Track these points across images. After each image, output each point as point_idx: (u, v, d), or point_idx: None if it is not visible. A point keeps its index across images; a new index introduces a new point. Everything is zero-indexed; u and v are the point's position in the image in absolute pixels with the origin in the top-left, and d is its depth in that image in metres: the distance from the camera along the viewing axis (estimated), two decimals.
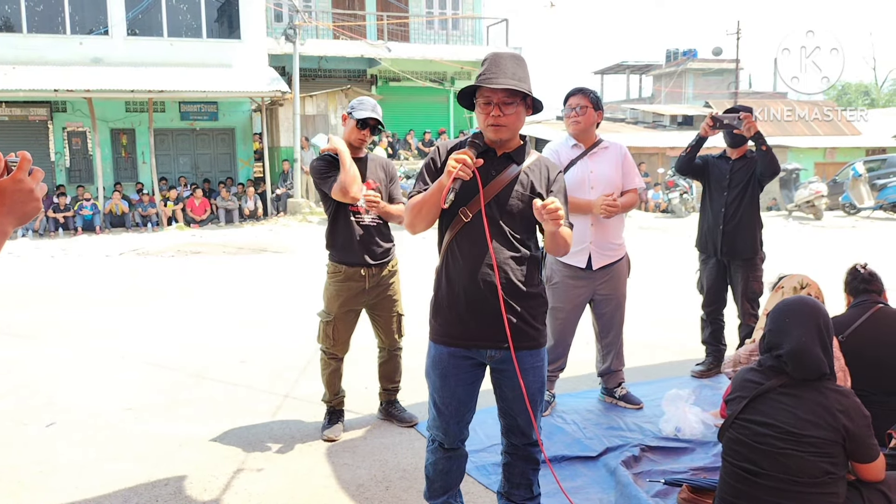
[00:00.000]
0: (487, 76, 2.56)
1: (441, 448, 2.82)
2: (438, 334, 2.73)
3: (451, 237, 2.66)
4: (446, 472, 2.85)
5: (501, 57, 2.60)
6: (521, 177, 2.66)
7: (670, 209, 20.05)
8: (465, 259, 2.63)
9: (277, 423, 4.31)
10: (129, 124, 19.13)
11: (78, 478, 3.58)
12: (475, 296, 2.61)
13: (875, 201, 18.62)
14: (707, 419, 4.03)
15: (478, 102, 2.62)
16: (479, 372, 2.76)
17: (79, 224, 16.37)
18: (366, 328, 4.26)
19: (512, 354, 2.61)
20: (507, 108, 2.56)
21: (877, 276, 3.70)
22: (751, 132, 4.67)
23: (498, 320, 2.60)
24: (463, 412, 2.77)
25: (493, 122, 2.57)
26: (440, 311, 2.72)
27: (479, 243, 2.60)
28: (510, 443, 2.85)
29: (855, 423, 2.41)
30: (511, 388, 2.72)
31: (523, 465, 2.85)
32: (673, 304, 7.43)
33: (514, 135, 2.65)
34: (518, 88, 2.55)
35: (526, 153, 2.71)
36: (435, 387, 2.75)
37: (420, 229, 2.71)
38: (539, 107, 2.69)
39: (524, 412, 2.74)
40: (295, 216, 17.78)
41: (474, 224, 2.60)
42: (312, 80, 22.13)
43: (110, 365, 5.59)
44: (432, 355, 2.76)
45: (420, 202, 2.63)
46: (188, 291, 8.89)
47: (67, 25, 18.18)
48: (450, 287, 2.67)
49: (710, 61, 38.02)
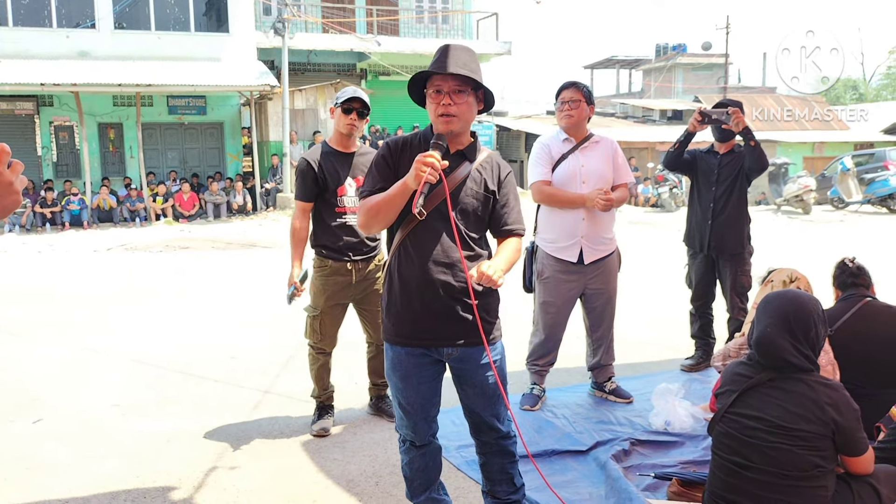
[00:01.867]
0: (439, 65, 2.54)
1: (413, 446, 2.80)
2: (393, 335, 2.69)
3: (404, 236, 2.62)
4: (423, 469, 2.83)
5: (453, 47, 2.58)
6: (474, 174, 2.64)
7: (660, 204, 20.11)
8: (418, 257, 2.59)
9: (266, 419, 4.29)
10: (117, 118, 18.99)
11: (65, 475, 3.55)
12: (430, 294, 2.58)
13: (863, 195, 18.72)
14: (697, 413, 4.03)
15: (428, 93, 2.59)
16: (439, 368, 2.74)
17: (66, 219, 16.25)
18: (355, 323, 4.24)
19: (486, 349, 2.62)
20: (458, 98, 2.54)
21: (865, 270, 3.71)
22: (739, 127, 4.67)
23: (451, 318, 2.60)
24: (428, 408, 2.75)
25: (444, 112, 2.53)
26: (393, 311, 2.68)
27: (432, 241, 2.58)
28: (481, 441, 2.84)
29: (844, 416, 2.41)
30: (471, 385, 2.72)
31: (500, 460, 2.85)
32: (663, 298, 7.45)
33: (465, 127, 2.62)
34: (470, 76, 2.52)
35: (477, 150, 2.69)
36: (398, 388, 2.72)
37: (376, 230, 2.70)
38: (491, 101, 2.67)
39: (487, 407, 2.74)
40: (284, 211, 17.72)
41: (427, 223, 2.57)
42: (301, 74, 22.03)
43: (97, 361, 5.55)
44: (391, 357, 2.72)
45: (378, 204, 2.56)
46: (177, 287, 8.84)
47: (54, 18, 18.03)
48: (403, 286, 2.63)
49: (700, 56, 38.09)
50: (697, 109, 4.84)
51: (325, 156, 3.93)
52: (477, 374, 2.69)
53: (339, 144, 3.98)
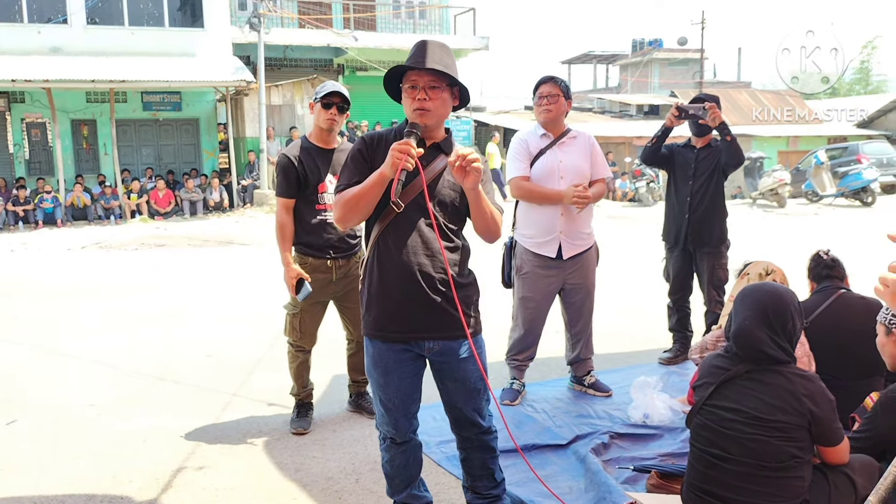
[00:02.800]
0: (414, 60, 2.55)
1: (394, 444, 2.79)
2: (374, 329, 2.68)
3: (382, 229, 2.62)
4: (404, 466, 2.83)
5: (429, 43, 2.60)
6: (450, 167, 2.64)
7: (637, 198, 20.22)
8: (397, 250, 2.59)
9: (245, 418, 4.25)
10: (90, 115, 18.71)
11: (40, 476, 3.50)
12: (409, 287, 2.58)
13: (837, 189, 18.95)
14: (675, 406, 4.06)
15: (404, 88, 2.60)
16: (420, 363, 2.73)
17: (39, 217, 16.01)
18: (334, 320, 4.22)
19: (470, 341, 2.62)
20: (432, 93, 2.55)
21: (839, 262, 3.76)
22: (716, 122, 4.71)
23: (432, 310, 2.59)
24: (409, 405, 2.74)
25: (419, 107, 2.54)
26: (373, 305, 2.67)
27: (411, 234, 2.58)
28: (462, 437, 2.85)
29: (820, 407, 2.44)
30: (452, 380, 2.72)
31: (481, 455, 2.85)
32: (641, 292, 7.49)
33: (439, 122, 2.63)
34: (445, 71, 2.54)
35: (452, 144, 2.70)
36: (378, 384, 2.72)
37: (353, 223, 2.69)
38: (466, 98, 2.69)
39: (469, 401, 2.75)
40: (262, 207, 17.59)
41: (406, 215, 2.57)
42: (278, 70, 21.86)
43: (72, 361, 5.48)
44: (371, 353, 2.72)
45: (356, 196, 2.55)
46: (153, 285, 8.74)
47: (25, 14, 17.73)
48: (382, 280, 2.63)
49: (676, 51, 38.37)
50: (674, 105, 4.87)
51: (305, 151, 3.89)
52: (458, 368, 2.69)
53: (319, 140, 3.94)
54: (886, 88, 42.16)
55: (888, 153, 21.93)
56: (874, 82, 46.01)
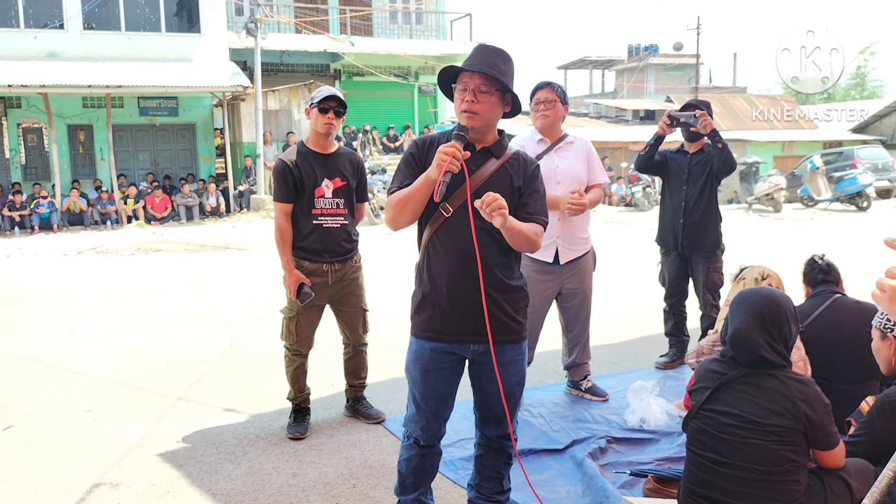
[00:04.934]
0: (469, 63, 2.58)
1: (417, 445, 2.80)
2: (421, 329, 2.71)
3: (432, 232, 2.64)
4: (420, 470, 2.84)
5: (487, 48, 2.62)
6: (501, 170, 2.65)
7: (633, 203, 20.28)
8: (447, 254, 2.61)
9: (241, 423, 4.25)
10: (87, 120, 18.73)
11: (36, 482, 3.49)
12: (458, 290, 2.61)
13: (832, 193, 19.03)
14: (671, 410, 4.07)
15: (456, 89, 2.62)
16: (459, 368, 2.75)
17: (35, 222, 15.99)
18: (331, 324, 4.22)
19: (490, 347, 2.60)
20: (481, 97, 2.56)
21: (834, 266, 3.77)
22: (707, 129, 4.74)
23: (480, 314, 2.59)
24: (442, 408, 2.76)
25: (467, 108, 2.56)
26: (423, 307, 2.70)
27: (461, 238, 2.58)
28: (484, 435, 2.86)
29: (815, 411, 2.45)
30: (489, 381, 2.72)
31: (495, 458, 2.86)
32: (637, 296, 7.50)
33: (487, 125, 2.63)
34: (494, 76, 2.54)
35: (505, 147, 2.71)
36: (415, 382, 2.74)
37: (403, 225, 2.67)
38: (518, 106, 2.69)
39: (501, 404, 2.73)
40: (258, 212, 17.60)
41: (456, 218, 2.59)
42: (274, 75, 21.89)
43: (68, 366, 5.47)
44: (414, 350, 2.74)
45: (405, 198, 2.58)
46: (149, 290, 8.74)
47: (21, 19, 17.74)
48: (432, 282, 2.66)
49: (672, 56, 38.45)
50: (666, 113, 4.90)
51: (302, 156, 3.90)
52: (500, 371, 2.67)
53: (317, 145, 3.95)
54: (882, 94, 42.27)
55: (883, 158, 22.01)
56: (870, 87, 46.17)
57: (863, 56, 45.03)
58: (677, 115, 4.81)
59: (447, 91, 2.71)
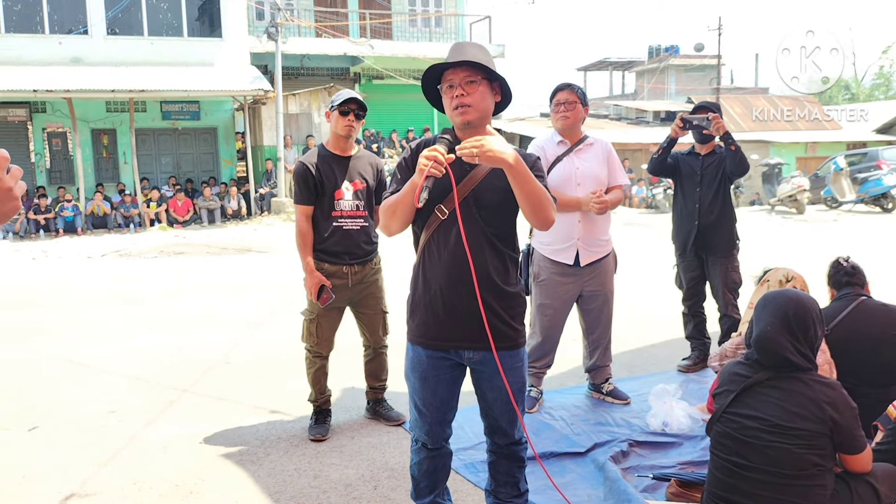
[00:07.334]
0: (449, 59, 2.54)
1: (424, 448, 2.79)
2: (416, 335, 2.67)
3: (428, 236, 2.60)
4: (432, 472, 2.83)
5: (462, 44, 2.60)
6: (496, 169, 2.52)
7: (654, 205, 20.16)
8: (441, 258, 2.56)
9: (263, 424, 4.27)
10: (110, 124, 18.95)
11: (61, 483, 3.53)
12: (452, 296, 2.55)
13: (856, 195, 18.78)
14: (694, 413, 4.04)
15: (443, 91, 2.58)
16: (458, 372, 2.71)
17: (60, 225, 16.20)
18: (351, 327, 4.23)
19: (494, 355, 2.54)
20: (470, 87, 2.50)
21: (859, 269, 3.73)
22: (719, 132, 4.73)
23: (476, 321, 2.52)
24: (444, 412, 2.73)
25: (459, 103, 2.50)
26: (417, 312, 2.66)
27: (456, 241, 2.52)
28: (493, 442, 2.83)
29: (842, 414, 2.42)
30: (490, 389, 2.67)
31: (508, 463, 2.83)
32: (659, 298, 7.45)
33: (482, 117, 2.56)
34: (478, 62, 2.49)
35: None
36: (415, 388, 2.71)
37: (395, 230, 2.61)
38: (508, 93, 2.63)
39: (505, 412, 2.69)
40: (279, 215, 17.70)
41: (451, 222, 2.53)
42: (295, 79, 22.03)
43: (93, 367, 5.53)
44: (410, 357, 2.71)
45: (394, 203, 2.53)
46: (172, 292, 8.82)
47: (46, 25, 17.99)
48: (426, 287, 2.61)
49: (692, 57, 38.16)
50: (679, 116, 4.89)
51: (322, 159, 3.92)
52: (498, 378, 2.60)
53: (337, 148, 3.97)
54: None
55: None
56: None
57: (885, 55, 44.46)
58: (690, 117, 4.82)
59: (435, 101, 2.66)
